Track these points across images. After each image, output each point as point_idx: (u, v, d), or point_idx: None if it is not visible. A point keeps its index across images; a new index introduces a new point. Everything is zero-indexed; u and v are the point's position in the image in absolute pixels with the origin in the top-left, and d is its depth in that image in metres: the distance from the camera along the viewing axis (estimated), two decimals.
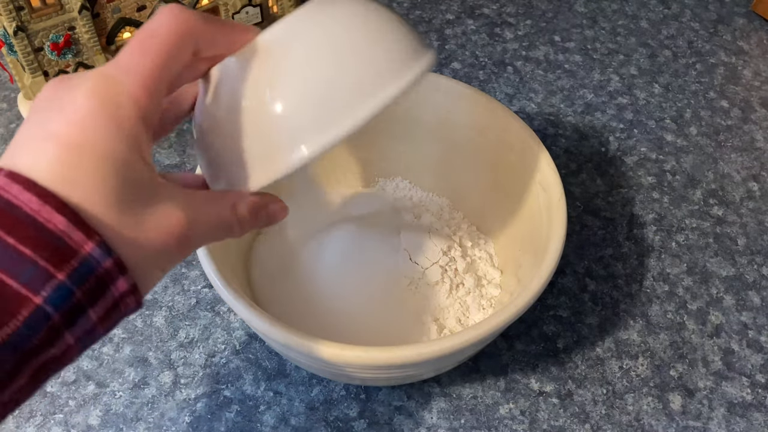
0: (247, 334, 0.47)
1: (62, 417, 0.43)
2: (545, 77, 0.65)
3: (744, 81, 0.66)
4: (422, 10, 0.71)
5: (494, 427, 0.43)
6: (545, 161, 0.43)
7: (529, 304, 0.37)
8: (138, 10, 0.57)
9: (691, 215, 0.54)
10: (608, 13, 0.73)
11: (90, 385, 0.45)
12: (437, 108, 0.49)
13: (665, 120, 0.62)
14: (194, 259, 0.50)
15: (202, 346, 0.46)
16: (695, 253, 0.52)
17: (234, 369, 0.45)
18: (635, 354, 0.46)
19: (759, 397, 0.44)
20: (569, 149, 0.58)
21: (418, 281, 0.46)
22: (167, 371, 0.45)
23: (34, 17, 0.51)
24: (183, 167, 0.57)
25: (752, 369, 0.46)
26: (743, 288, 0.50)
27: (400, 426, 0.43)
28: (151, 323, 0.48)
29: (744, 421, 0.43)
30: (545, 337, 0.47)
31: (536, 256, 0.40)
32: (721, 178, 0.57)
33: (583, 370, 0.46)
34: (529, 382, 0.45)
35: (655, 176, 0.56)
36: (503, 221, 0.48)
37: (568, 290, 0.49)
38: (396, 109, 0.50)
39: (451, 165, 0.50)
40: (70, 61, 0.55)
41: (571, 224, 0.53)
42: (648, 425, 0.43)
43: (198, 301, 0.49)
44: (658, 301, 0.49)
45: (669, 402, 0.44)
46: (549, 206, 0.41)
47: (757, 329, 0.48)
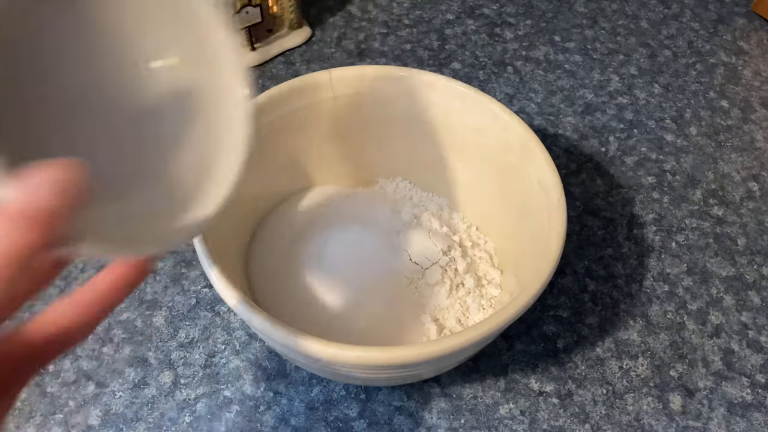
0: (247, 334, 0.47)
1: (62, 417, 0.43)
2: (545, 77, 0.65)
3: (744, 81, 0.66)
4: (422, 10, 0.71)
5: (494, 427, 0.43)
6: (545, 161, 0.43)
7: (529, 304, 0.37)
8: None
9: (691, 215, 0.54)
10: (608, 13, 0.73)
11: (90, 385, 0.45)
12: (437, 108, 0.49)
13: (665, 120, 0.62)
14: (194, 259, 0.50)
15: (202, 346, 0.46)
16: (695, 253, 0.52)
17: (234, 369, 0.45)
18: (635, 354, 0.46)
19: (759, 397, 0.44)
20: (569, 149, 0.58)
21: (418, 281, 0.46)
22: (167, 371, 0.45)
23: None
24: None
25: (752, 369, 0.46)
26: (743, 288, 0.50)
27: (400, 426, 0.43)
28: (151, 323, 0.48)
29: (744, 421, 0.43)
30: (545, 337, 0.47)
31: (536, 256, 0.40)
32: (721, 178, 0.57)
33: (583, 370, 0.46)
34: (529, 382, 0.45)
35: (655, 176, 0.56)
36: (503, 221, 0.48)
37: (568, 290, 0.49)
38: (395, 109, 0.50)
39: (451, 165, 0.50)
40: None
41: (571, 224, 0.53)
42: (648, 425, 0.43)
43: (198, 301, 0.49)
44: (658, 301, 0.49)
45: (669, 402, 0.44)
46: (549, 206, 0.41)
47: (757, 329, 0.48)
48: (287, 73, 0.64)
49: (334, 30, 0.68)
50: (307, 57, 0.66)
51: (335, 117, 0.50)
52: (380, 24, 0.69)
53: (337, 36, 0.67)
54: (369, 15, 0.69)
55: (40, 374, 0.45)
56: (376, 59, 0.65)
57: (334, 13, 0.70)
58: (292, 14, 0.65)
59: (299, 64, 0.65)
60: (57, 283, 0.50)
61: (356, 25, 0.69)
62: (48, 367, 0.46)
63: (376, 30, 0.68)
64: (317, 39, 0.67)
